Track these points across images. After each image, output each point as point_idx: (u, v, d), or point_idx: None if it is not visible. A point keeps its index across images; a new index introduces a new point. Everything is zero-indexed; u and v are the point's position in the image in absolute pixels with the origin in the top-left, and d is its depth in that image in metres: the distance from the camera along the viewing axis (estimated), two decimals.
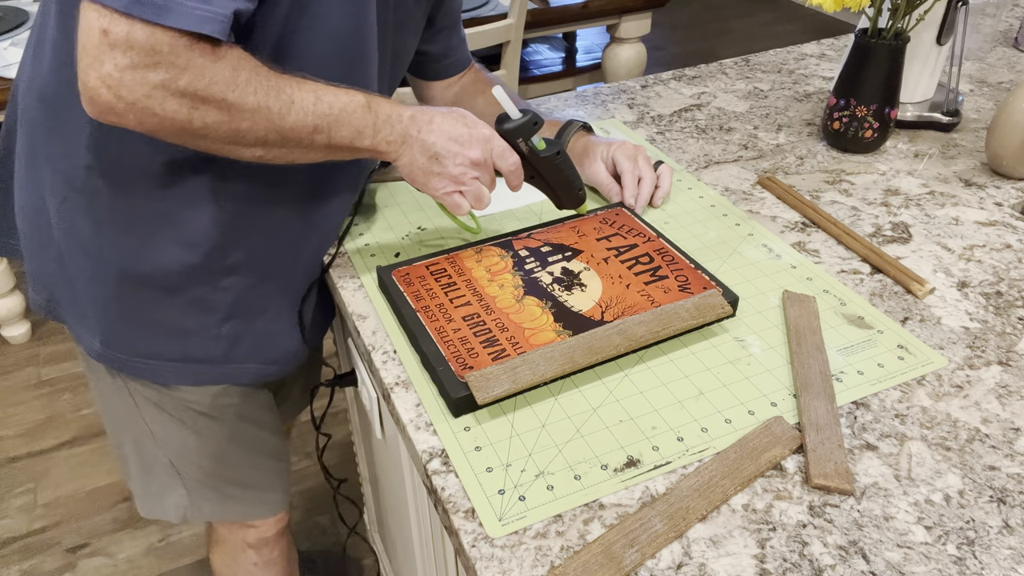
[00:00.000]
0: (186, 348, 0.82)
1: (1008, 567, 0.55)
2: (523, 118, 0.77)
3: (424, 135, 0.72)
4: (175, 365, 0.83)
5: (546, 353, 0.67)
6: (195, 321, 0.80)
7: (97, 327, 0.81)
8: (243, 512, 1.02)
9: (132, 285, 0.77)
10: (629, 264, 0.80)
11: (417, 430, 0.64)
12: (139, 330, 0.80)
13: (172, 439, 0.90)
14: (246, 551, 1.08)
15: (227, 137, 0.64)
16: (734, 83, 1.27)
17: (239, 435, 0.93)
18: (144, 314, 0.79)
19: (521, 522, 0.57)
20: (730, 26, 4.25)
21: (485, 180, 0.76)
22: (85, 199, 0.74)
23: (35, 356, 2.06)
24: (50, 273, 0.82)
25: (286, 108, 0.65)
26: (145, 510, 0.98)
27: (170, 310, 0.79)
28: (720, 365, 0.71)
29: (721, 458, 0.61)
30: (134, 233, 0.75)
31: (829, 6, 0.94)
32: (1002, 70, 1.32)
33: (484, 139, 0.74)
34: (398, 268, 0.79)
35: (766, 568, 0.54)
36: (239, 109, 0.63)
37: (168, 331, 0.81)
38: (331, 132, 0.68)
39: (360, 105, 0.69)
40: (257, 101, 0.63)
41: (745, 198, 0.96)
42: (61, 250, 0.79)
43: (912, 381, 0.70)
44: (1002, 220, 0.92)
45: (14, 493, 1.70)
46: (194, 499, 0.96)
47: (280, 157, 0.69)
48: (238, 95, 0.62)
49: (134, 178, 0.73)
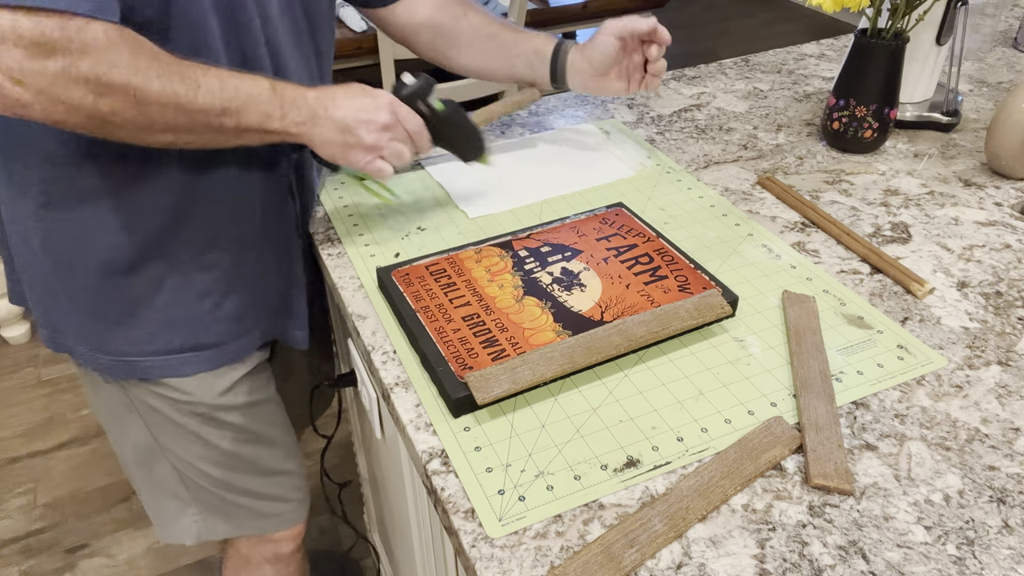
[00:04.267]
0: (194, 335, 0.82)
1: (1008, 567, 0.55)
2: (418, 82, 0.80)
3: (331, 112, 0.73)
4: (184, 356, 0.82)
5: (546, 353, 0.68)
6: (195, 306, 0.80)
7: (95, 336, 0.80)
8: (259, 525, 0.99)
9: (113, 282, 0.77)
10: (629, 264, 0.80)
11: (417, 430, 0.64)
12: (139, 327, 0.80)
13: (180, 449, 0.89)
14: (263, 567, 1.05)
15: (136, 124, 0.64)
16: (734, 83, 1.27)
17: (248, 437, 0.92)
18: (139, 309, 0.79)
19: (521, 522, 0.57)
20: (730, 26, 4.26)
21: (400, 138, 0.77)
22: (28, 202, 0.74)
23: (35, 356, 2.06)
24: (43, 298, 0.81)
25: (192, 92, 0.65)
26: (161, 535, 0.97)
27: (161, 300, 0.79)
28: (720, 365, 0.71)
29: (721, 458, 0.61)
30: (86, 224, 0.74)
31: (829, 6, 0.94)
32: (1002, 70, 1.32)
33: (388, 103, 0.76)
34: (398, 268, 0.79)
35: (766, 568, 0.54)
36: (144, 93, 0.62)
37: (168, 323, 0.80)
38: (239, 116, 0.68)
39: (265, 88, 0.70)
40: (162, 86, 0.63)
41: (745, 198, 0.96)
42: (44, 270, 0.78)
43: (912, 381, 0.70)
44: (1002, 220, 0.92)
45: (14, 493, 1.70)
46: (206, 517, 0.95)
47: (191, 143, 0.69)
48: (142, 79, 0.61)
49: (67, 165, 0.72)
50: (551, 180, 0.99)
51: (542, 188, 0.97)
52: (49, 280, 0.79)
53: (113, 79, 0.60)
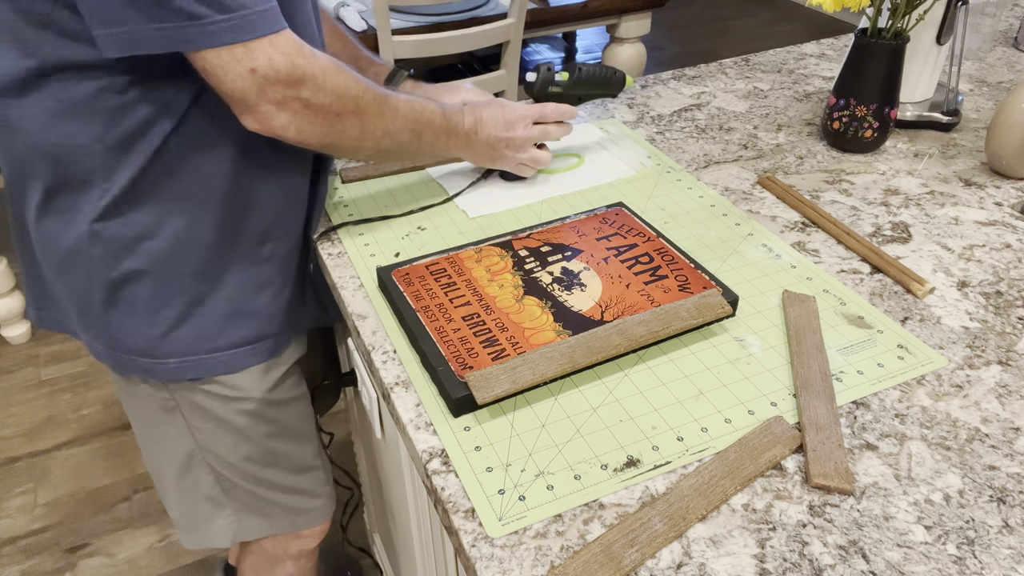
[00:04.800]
0: (259, 328, 0.84)
1: (1008, 567, 0.55)
2: (538, 75, 0.95)
3: (480, 135, 0.88)
4: (247, 349, 0.84)
5: (546, 353, 0.68)
6: (257, 298, 0.83)
7: (146, 339, 0.79)
8: (292, 522, 1.00)
9: (178, 284, 0.78)
10: (629, 264, 0.80)
11: (417, 430, 0.64)
12: (203, 325, 0.80)
13: (219, 445, 0.89)
14: (285, 563, 1.06)
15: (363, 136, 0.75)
16: (734, 83, 1.27)
17: (288, 434, 0.93)
18: (202, 307, 0.80)
19: (521, 522, 0.57)
20: (730, 26, 4.26)
21: (535, 137, 0.92)
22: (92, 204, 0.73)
23: (35, 356, 2.06)
24: (94, 313, 0.79)
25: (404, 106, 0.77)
26: (189, 541, 0.97)
27: (225, 294, 0.80)
28: (720, 365, 0.71)
29: (721, 458, 0.61)
30: (148, 225, 0.75)
31: (829, 6, 0.94)
32: (1002, 70, 1.32)
33: (521, 116, 0.90)
34: (398, 268, 0.79)
35: (766, 568, 0.54)
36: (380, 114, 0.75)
37: (233, 315, 0.82)
38: (422, 137, 0.81)
39: (438, 114, 0.82)
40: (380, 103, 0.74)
41: (745, 198, 0.96)
42: (97, 288, 0.77)
43: (912, 381, 0.70)
44: (1002, 220, 0.92)
45: (14, 493, 1.70)
46: (241, 517, 0.95)
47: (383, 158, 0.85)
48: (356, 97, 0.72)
49: None
50: (551, 180, 0.99)
51: (542, 188, 0.97)
52: (103, 295, 0.77)
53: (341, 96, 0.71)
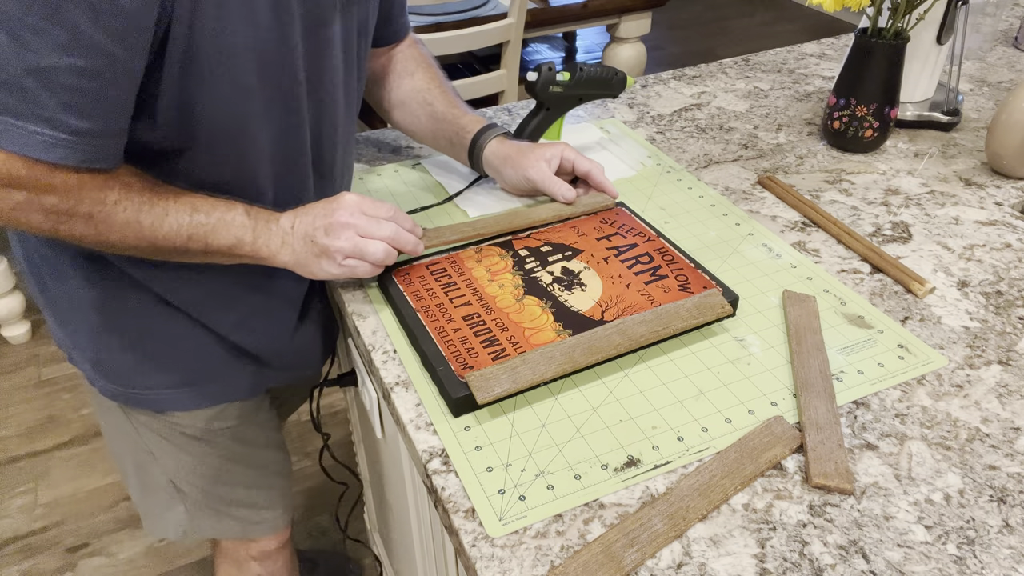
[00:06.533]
0: (185, 373, 0.84)
1: (1008, 567, 0.55)
2: (539, 75, 0.93)
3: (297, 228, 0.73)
4: (175, 392, 0.84)
5: (546, 353, 0.67)
6: (191, 343, 0.82)
7: (91, 350, 0.82)
8: (242, 530, 1.02)
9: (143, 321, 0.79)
10: (629, 264, 0.80)
11: (417, 430, 0.64)
12: (133, 362, 0.82)
13: (171, 460, 0.91)
14: (250, 563, 1.09)
15: (96, 244, 0.67)
16: (734, 83, 1.27)
17: (236, 456, 0.94)
18: (136, 345, 0.81)
19: (521, 522, 0.57)
20: (730, 26, 4.25)
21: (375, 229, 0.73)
22: None
23: (35, 356, 2.06)
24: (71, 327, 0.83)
25: (159, 221, 0.67)
26: (148, 527, 1.00)
27: (156, 334, 0.81)
28: (720, 365, 0.70)
29: (721, 458, 0.61)
30: None
31: (829, 6, 0.94)
32: (1002, 69, 1.32)
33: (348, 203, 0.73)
34: (398, 268, 0.79)
35: (766, 568, 0.54)
36: (107, 224, 0.65)
37: (161, 360, 0.82)
38: (208, 240, 0.70)
39: (239, 214, 0.71)
40: (127, 217, 0.66)
41: (745, 198, 0.96)
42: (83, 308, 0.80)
43: (912, 380, 0.70)
44: (1002, 219, 0.92)
45: (14, 493, 1.70)
46: (193, 517, 0.97)
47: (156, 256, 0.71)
48: (107, 212, 0.64)
49: None
50: None
51: None
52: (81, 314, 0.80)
53: (77, 211, 0.63)
